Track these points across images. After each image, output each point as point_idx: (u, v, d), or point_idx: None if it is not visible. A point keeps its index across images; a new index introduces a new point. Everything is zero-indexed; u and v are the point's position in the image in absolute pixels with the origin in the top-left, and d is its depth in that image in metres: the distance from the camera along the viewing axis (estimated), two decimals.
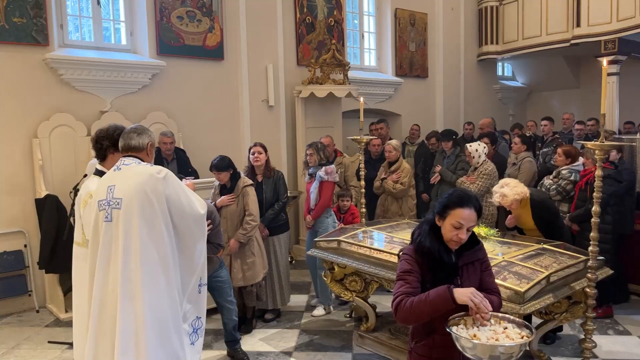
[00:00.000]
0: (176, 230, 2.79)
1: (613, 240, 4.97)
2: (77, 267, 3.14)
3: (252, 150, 5.05)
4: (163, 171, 2.76)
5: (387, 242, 4.39)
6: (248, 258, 4.71)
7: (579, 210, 5.04)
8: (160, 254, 2.67)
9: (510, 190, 4.29)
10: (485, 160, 5.74)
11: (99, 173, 3.11)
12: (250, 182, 4.78)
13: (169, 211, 2.73)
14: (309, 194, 5.32)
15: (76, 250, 3.16)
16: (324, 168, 5.19)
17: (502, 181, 4.51)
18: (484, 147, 5.81)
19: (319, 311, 5.28)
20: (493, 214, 5.72)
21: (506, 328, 2.20)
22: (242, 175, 4.85)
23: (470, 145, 5.86)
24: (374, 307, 4.68)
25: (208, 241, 3.17)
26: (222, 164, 4.65)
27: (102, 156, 3.15)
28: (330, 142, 6.19)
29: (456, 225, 2.31)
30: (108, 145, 3.10)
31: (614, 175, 4.99)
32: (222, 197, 4.69)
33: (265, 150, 5.06)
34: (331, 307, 5.35)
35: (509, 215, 4.51)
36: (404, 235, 4.46)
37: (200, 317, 3.00)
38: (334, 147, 6.34)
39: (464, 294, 2.16)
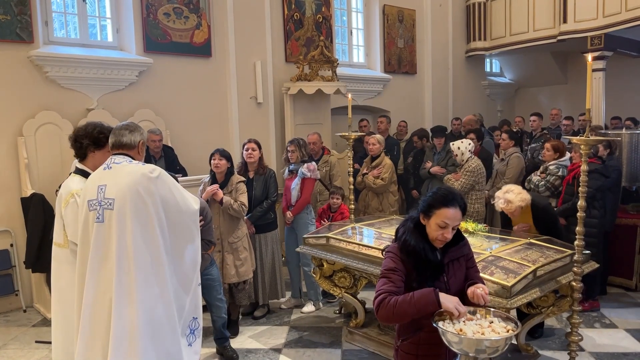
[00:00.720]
0: (173, 229, 2.74)
1: (599, 235, 5.01)
2: (57, 268, 3.04)
3: (246, 146, 5.00)
4: (156, 170, 2.70)
5: (376, 238, 4.40)
6: (241, 254, 4.63)
7: (566, 205, 5.08)
8: (154, 256, 2.63)
9: (515, 196, 4.29)
10: (470, 157, 5.76)
11: (80, 172, 3.05)
12: (243, 178, 4.73)
13: (164, 211, 2.68)
14: (288, 190, 5.30)
15: (56, 251, 3.06)
16: (305, 165, 5.21)
17: (505, 187, 4.48)
18: (469, 143, 5.83)
19: (309, 307, 5.28)
20: (479, 211, 5.74)
21: (492, 322, 2.21)
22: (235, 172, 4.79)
23: (453, 144, 5.89)
24: (363, 303, 4.69)
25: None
26: (226, 152, 4.65)
27: (82, 155, 3.09)
28: (318, 139, 6.15)
29: (441, 224, 2.30)
30: (88, 143, 3.03)
31: (600, 170, 5.03)
32: (208, 188, 4.52)
33: (259, 147, 5.03)
34: (320, 304, 5.36)
35: (520, 225, 4.49)
36: (393, 232, 4.47)
37: (196, 318, 2.95)
38: (322, 144, 6.30)
39: (450, 302, 2.16)
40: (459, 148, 5.76)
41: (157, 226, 2.64)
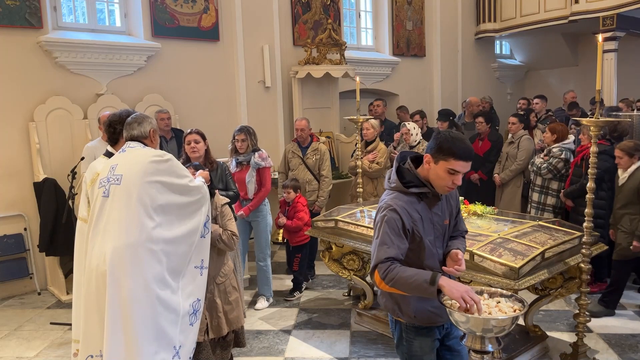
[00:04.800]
0: (175, 212, 2.81)
1: (607, 216, 5.00)
2: (79, 242, 3.20)
3: (187, 139, 4.25)
4: (166, 155, 2.83)
5: None
6: (230, 295, 3.50)
7: (574, 186, 5.07)
8: (154, 233, 2.68)
9: None
10: (422, 140, 5.93)
11: (109, 154, 3.20)
12: (227, 199, 3.68)
13: (168, 194, 2.77)
14: (243, 183, 4.84)
15: (80, 225, 3.23)
16: (257, 154, 4.85)
17: None
18: (416, 127, 6.08)
19: (262, 303, 5.02)
20: None
21: (499, 302, 2.23)
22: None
23: (409, 124, 6.00)
24: (371, 285, 4.73)
25: None
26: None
27: (114, 140, 3.24)
28: (306, 125, 5.79)
29: None
30: (121, 129, 3.16)
31: (609, 151, 5.00)
32: None
33: (204, 139, 4.30)
34: (271, 298, 5.13)
35: None
36: None
37: (200, 300, 3.02)
38: (310, 131, 5.88)
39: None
40: (414, 128, 5.90)
41: (159, 206, 2.73)
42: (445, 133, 2.30)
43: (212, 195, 3.49)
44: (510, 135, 6.53)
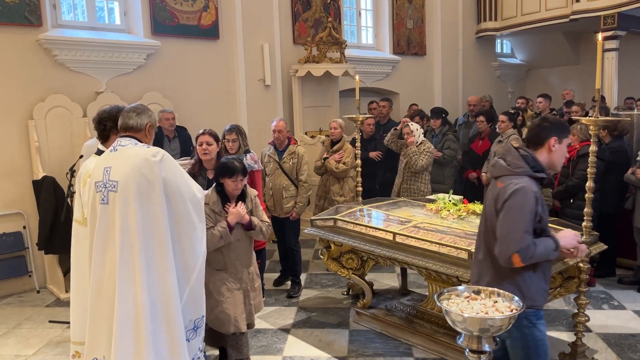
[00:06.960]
0: (174, 214, 2.74)
1: (594, 216, 4.93)
2: (75, 244, 3.16)
3: (199, 140, 4.02)
4: (160, 153, 2.71)
5: (383, 220, 4.41)
6: (255, 282, 3.67)
7: (560, 187, 5.04)
8: (158, 238, 2.65)
9: None
10: (424, 140, 5.83)
11: (100, 153, 3.10)
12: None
13: (165, 194, 2.69)
14: None
15: (75, 227, 3.19)
16: (249, 156, 4.57)
17: None
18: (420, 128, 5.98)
19: None
20: (423, 191, 5.71)
21: (496, 302, 2.23)
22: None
23: (412, 124, 5.90)
24: (370, 284, 4.73)
25: None
26: (245, 168, 3.55)
27: (104, 137, 3.14)
28: (284, 127, 5.35)
29: None
30: (111, 126, 3.06)
31: (597, 151, 4.98)
32: (232, 208, 3.44)
33: (217, 140, 4.07)
34: None
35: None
36: (402, 214, 4.49)
37: (204, 316, 2.95)
38: (288, 133, 5.44)
39: None
40: (417, 129, 5.82)
41: (160, 209, 2.66)
42: (549, 117, 2.71)
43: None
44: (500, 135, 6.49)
